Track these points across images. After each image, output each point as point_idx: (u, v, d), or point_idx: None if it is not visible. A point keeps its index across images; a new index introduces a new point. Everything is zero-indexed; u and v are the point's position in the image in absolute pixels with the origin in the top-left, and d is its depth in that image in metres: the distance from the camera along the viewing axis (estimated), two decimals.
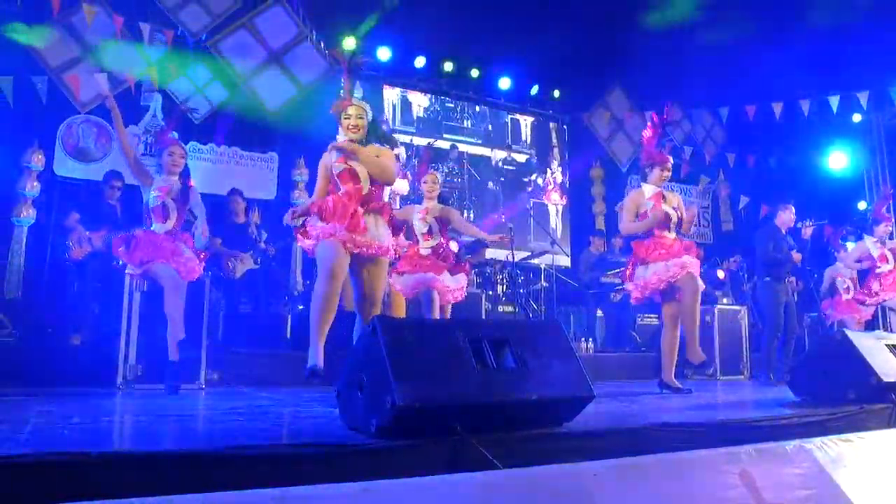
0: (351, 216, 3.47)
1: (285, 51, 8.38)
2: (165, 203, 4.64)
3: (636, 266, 4.80)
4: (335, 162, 3.65)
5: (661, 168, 4.85)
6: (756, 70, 9.36)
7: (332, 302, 3.45)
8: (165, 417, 3.00)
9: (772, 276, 6.43)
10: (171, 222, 4.66)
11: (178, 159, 4.74)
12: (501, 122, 10.81)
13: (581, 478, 2.04)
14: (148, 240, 4.56)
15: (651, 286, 4.69)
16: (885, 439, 2.95)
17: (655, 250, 4.68)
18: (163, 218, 4.64)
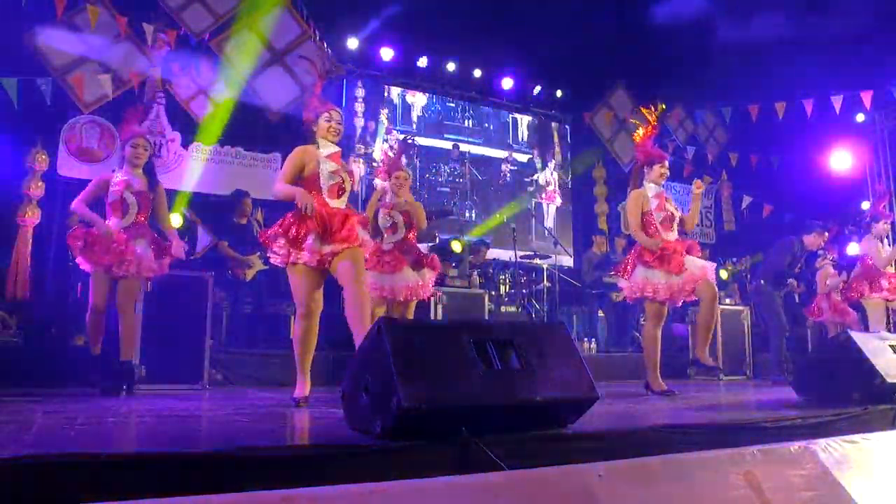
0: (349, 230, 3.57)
1: (288, 51, 8.38)
2: (124, 197, 4.43)
3: (637, 266, 4.69)
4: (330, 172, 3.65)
5: (661, 165, 4.77)
6: (759, 70, 9.36)
7: (312, 338, 3.66)
8: (170, 418, 3.00)
9: (770, 283, 6.43)
10: (131, 218, 4.43)
11: (142, 152, 4.53)
12: (503, 121, 10.81)
13: (586, 479, 2.04)
14: (102, 238, 4.34)
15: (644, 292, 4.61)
16: (889, 440, 2.94)
17: (660, 256, 4.58)
18: (121, 213, 4.42)
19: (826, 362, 3.89)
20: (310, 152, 3.68)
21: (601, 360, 7.31)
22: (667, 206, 4.72)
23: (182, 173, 7.97)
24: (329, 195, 3.64)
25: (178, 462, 1.78)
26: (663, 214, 4.68)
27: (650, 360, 4.74)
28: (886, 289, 6.61)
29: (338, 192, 3.67)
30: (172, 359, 4.76)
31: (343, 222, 3.56)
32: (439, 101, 10.22)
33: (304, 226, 3.52)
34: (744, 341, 7.34)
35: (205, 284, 4.96)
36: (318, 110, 3.75)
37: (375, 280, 4.86)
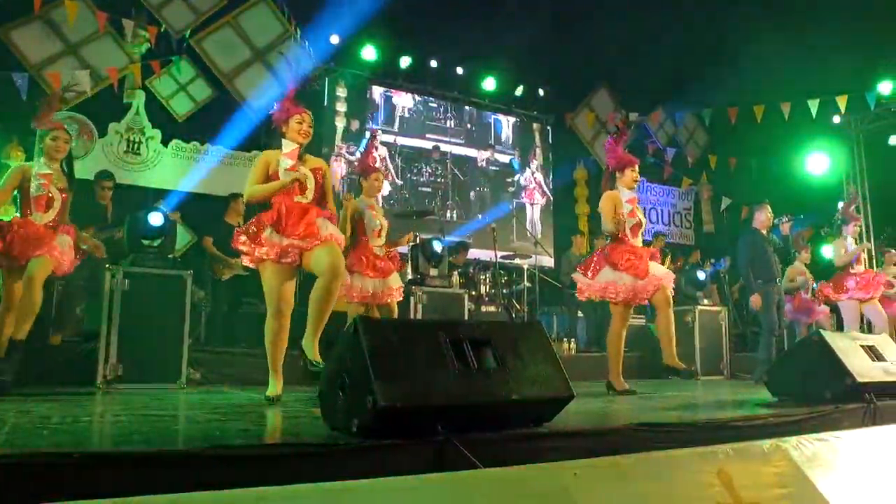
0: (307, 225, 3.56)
1: (269, 49, 8.35)
2: (50, 192, 4.28)
3: (604, 267, 4.74)
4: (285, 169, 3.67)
5: (632, 169, 4.85)
6: (738, 73, 9.47)
7: (283, 337, 3.70)
8: (146, 417, 2.98)
9: (762, 279, 6.48)
10: (54, 212, 4.30)
11: (62, 144, 4.37)
12: (485, 122, 10.84)
13: (561, 477, 2.05)
14: (26, 231, 4.19)
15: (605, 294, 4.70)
16: (859, 439, 2.99)
17: (627, 259, 4.67)
18: (45, 208, 4.28)
19: (799, 362, 3.94)
20: (272, 154, 3.76)
21: (580, 359, 7.35)
22: (637, 213, 4.81)
23: (161, 171, 7.91)
24: (293, 192, 3.67)
25: (152, 461, 1.77)
26: (635, 220, 4.79)
27: (613, 359, 4.83)
28: (853, 289, 6.72)
29: (299, 188, 3.67)
30: (150, 357, 4.72)
31: (301, 216, 3.57)
32: (421, 100, 10.22)
33: (260, 221, 3.60)
34: (721, 341, 7.42)
35: (183, 283, 4.92)
36: (290, 111, 3.76)
37: (364, 283, 4.87)
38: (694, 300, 7.72)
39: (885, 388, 3.75)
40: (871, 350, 3.88)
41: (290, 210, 3.58)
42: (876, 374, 3.71)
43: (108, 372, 4.56)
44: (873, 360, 3.81)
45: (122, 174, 7.63)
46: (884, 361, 3.86)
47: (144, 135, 7.89)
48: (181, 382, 4.78)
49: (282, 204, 3.61)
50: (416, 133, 10.04)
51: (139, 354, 4.65)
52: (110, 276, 4.69)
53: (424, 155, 10.08)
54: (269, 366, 3.75)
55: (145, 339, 4.69)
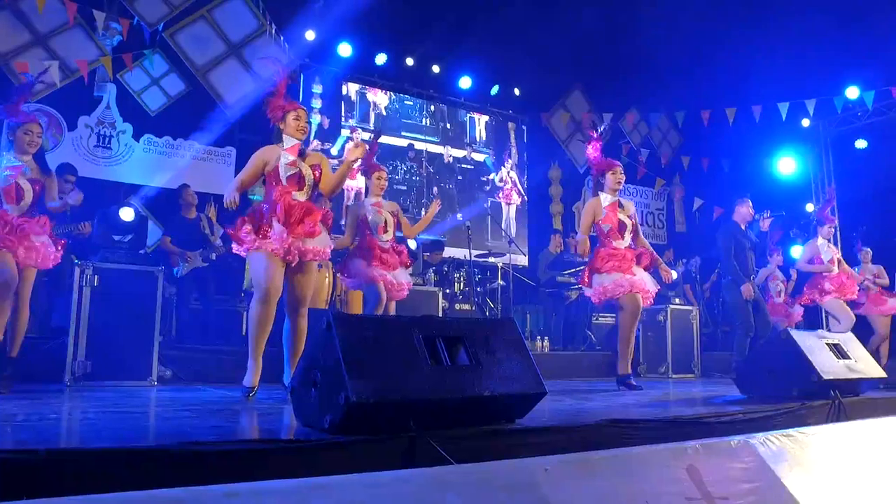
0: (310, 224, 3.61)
1: (244, 44, 8.27)
2: (19, 183, 4.23)
3: (592, 274, 4.97)
4: (286, 164, 3.72)
5: (612, 172, 5.00)
6: (711, 76, 9.60)
7: (268, 323, 3.69)
8: (115, 415, 2.94)
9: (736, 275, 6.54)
10: (26, 204, 4.24)
11: (35, 138, 4.33)
12: (460, 120, 10.84)
13: (532, 473, 2.07)
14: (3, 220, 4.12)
15: (608, 294, 4.88)
16: (824, 434, 3.05)
17: (609, 261, 4.87)
18: (16, 199, 4.22)
19: (767, 360, 4.02)
20: (273, 149, 3.80)
21: (553, 357, 7.39)
22: (619, 216, 4.91)
23: (132, 166, 7.80)
24: (290, 186, 3.71)
25: (121, 458, 1.75)
26: (610, 225, 4.92)
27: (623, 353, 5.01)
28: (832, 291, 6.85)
29: (298, 184, 3.72)
30: (120, 355, 4.64)
31: (305, 214, 3.63)
32: (397, 98, 10.21)
33: (263, 215, 3.64)
34: (692, 340, 7.51)
35: (154, 279, 4.86)
36: (285, 109, 3.81)
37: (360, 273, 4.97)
38: (666, 299, 7.80)
39: (850, 384, 3.85)
40: (837, 348, 3.97)
41: (293, 207, 3.62)
42: (841, 371, 3.80)
43: (76, 369, 4.48)
44: (838, 358, 3.90)
45: (92, 169, 7.52)
46: (848, 359, 3.94)
47: (115, 129, 7.77)
48: (152, 380, 4.72)
49: (283, 200, 3.64)
50: (392, 131, 10.02)
51: (109, 351, 4.58)
52: (79, 271, 4.61)
53: (399, 153, 10.06)
54: (251, 352, 3.72)
55: (115, 336, 4.62)
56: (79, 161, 7.39)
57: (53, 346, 4.80)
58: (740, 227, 6.64)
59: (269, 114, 3.83)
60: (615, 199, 5.00)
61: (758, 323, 6.49)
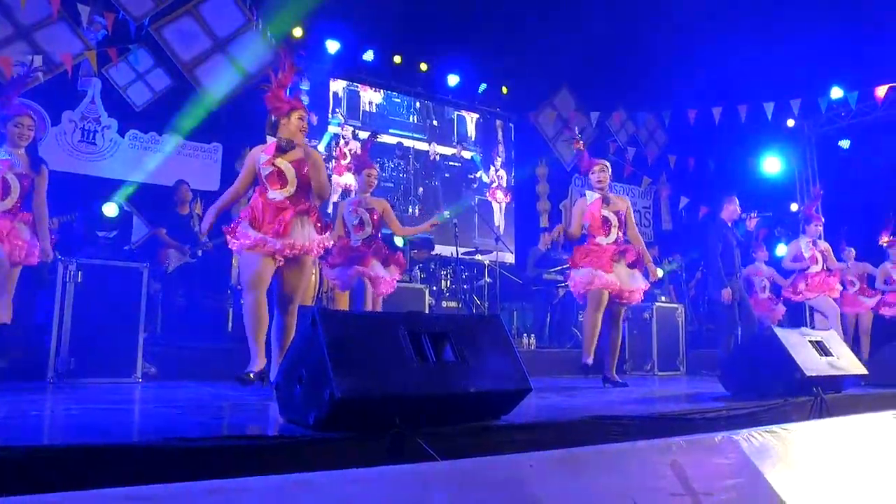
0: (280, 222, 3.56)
1: (231, 39, 8.22)
2: (6, 178, 4.20)
3: (571, 269, 5.12)
4: (262, 164, 3.71)
5: (591, 172, 5.12)
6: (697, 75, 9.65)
7: (261, 309, 3.66)
8: (98, 411, 2.92)
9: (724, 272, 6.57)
10: (12, 200, 4.21)
11: (27, 131, 4.29)
12: (448, 118, 10.84)
13: (517, 469, 2.08)
14: None
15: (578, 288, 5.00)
16: (806, 430, 3.08)
17: (586, 257, 4.98)
18: (1, 195, 4.18)
19: (751, 357, 4.05)
20: (258, 150, 3.80)
21: (540, 354, 7.41)
22: (602, 212, 4.97)
23: (117, 162, 7.73)
24: (270, 184, 3.67)
25: (104, 454, 1.74)
26: (590, 222, 5.04)
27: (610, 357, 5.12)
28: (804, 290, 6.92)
29: (279, 182, 3.67)
30: (104, 351, 4.60)
31: (276, 213, 3.58)
32: (384, 95, 10.18)
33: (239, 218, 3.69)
34: (678, 338, 7.56)
35: (139, 275, 4.82)
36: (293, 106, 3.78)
37: (341, 274, 5.01)
38: (652, 297, 7.84)
39: (832, 381, 3.89)
40: (819, 345, 4.01)
41: (265, 207, 3.60)
42: (823, 368, 3.83)
43: (59, 365, 4.44)
44: (821, 355, 3.93)
45: (76, 164, 7.45)
46: (831, 356, 3.98)
47: (100, 124, 7.70)
48: (136, 376, 4.68)
49: (257, 201, 3.64)
50: (380, 128, 9.99)
51: (92, 348, 4.54)
52: (63, 267, 4.57)
53: (387, 150, 10.04)
54: (250, 341, 3.70)
55: (99, 333, 4.58)
56: (63, 156, 7.33)
57: (36, 343, 4.75)
58: (727, 225, 6.69)
59: (273, 104, 3.74)
60: (598, 196, 5.07)
61: (742, 319, 6.53)
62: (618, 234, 5.02)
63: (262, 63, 8.28)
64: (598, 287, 4.89)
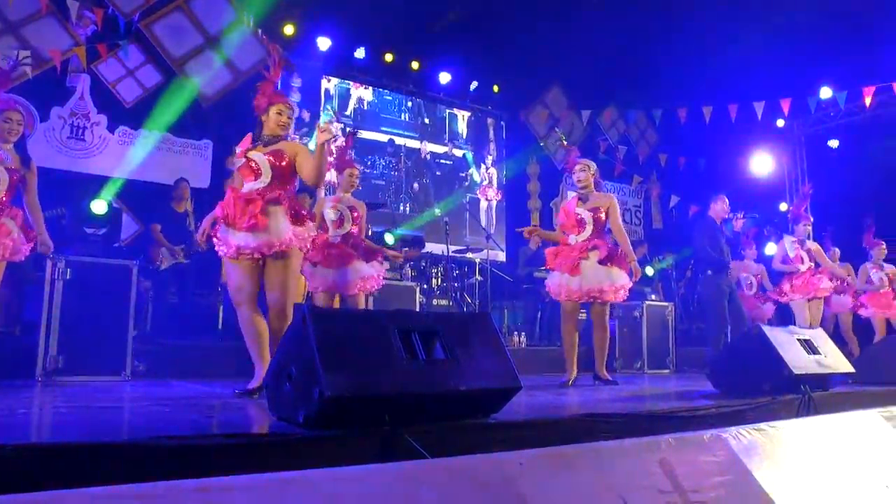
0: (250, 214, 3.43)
1: (222, 35, 8.18)
2: None
3: (548, 272, 5.10)
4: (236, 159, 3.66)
5: (572, 172, 5.09)
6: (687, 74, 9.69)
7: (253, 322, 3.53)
8: (87, 409, 2.91)
9: (713, 269, 6.61)
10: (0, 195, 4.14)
11: (15, 126, 4.22)
12: (439, 116, 10.84)
13: (507, 467, 2.08)
14: None
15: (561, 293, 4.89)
16: (793, 428, 3.11)
17: (556, 258, 4.93)
18: None
19: (739, 355, 4.08)
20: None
21: (530, 353, 7.43)
22: (577, 210, 4.94)
23: (107, 159, 7.69)
24: (244, 177, 3.59)
25: (92, 452, 1.73)
26: (563, 220, 5.05)
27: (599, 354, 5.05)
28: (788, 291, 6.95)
29: (253, 173, 3.55)
30: (93, 349, 4.58)
31: (245, 207, 3.45)
32: (376, 93, 10.17)
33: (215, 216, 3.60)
34: (667, 336, 7.59)
35: (129, 272, 4.80)
36: (271, 100, 3.66)
37: (322, 274, 4.89)
38: (642, 295, 7.87)
39: (819, 379, 3.92)
40: (807, 343, 4.04)
41: (235, 202, 3.48)
42: (811, 366, 3.87)
43: (48, 363, 4.41)
44: (809, 354, 3.97)
45: (65, 160, 7.41)
46: (818, 354, 4.01)
47: (90, 120, 7.66)
48: (126, 374, 4.66)
49: (229, 196, 3.54)
50: (371, 126, 9.99)
51: (81, 346, 4.51)
52: (52, 264, 4.54)
53: (379, 148, 10.03)
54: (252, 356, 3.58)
55: (88, 330, 4.56)
56: (52, 153, 7.28)
57: (24, 341, 4.73)
58: (716, 223, 6.72)
59: (256, 102, 3.68)
60: (575, 195, 5.09)
61: (732, 316, 6.57)
62: (591, 232, 4.88)
63: (254, 60, 8.26)
64: (564, 299, 4.85)
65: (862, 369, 4.65)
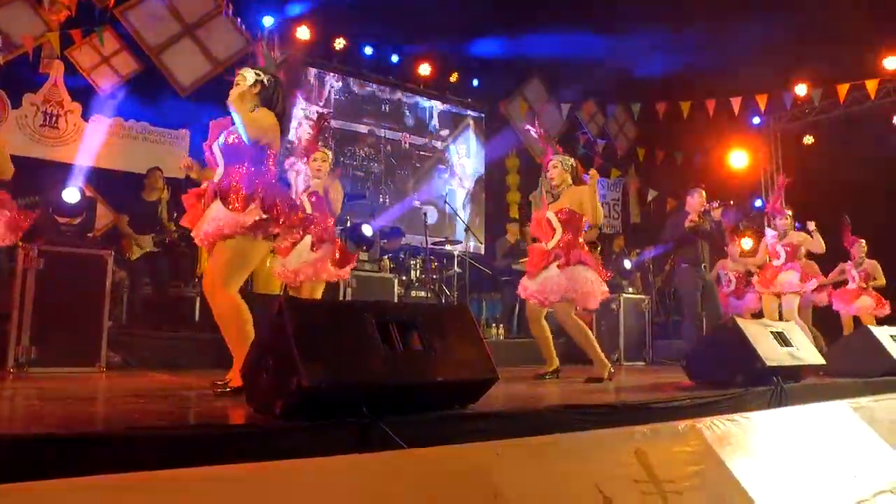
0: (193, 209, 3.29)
1: (200, 24, 8.08)
2: None
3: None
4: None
5: (546, 169, 4.91)
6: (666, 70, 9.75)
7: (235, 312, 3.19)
8: (61, 401, 2.88)
9: (688, 262, 6.66)
10: None
11: None
12: (419, 108, 10.81)
13: (483, 457, 2.10)
14: None
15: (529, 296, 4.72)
16: (765, 419, 3.17)
17: (529, 264, 4.76)
18: None
19: (715, 347, 4.13)
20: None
21: (508, 345, 7.45)
22: (547, 215, 4.70)
23: (82, 147, 7.57)
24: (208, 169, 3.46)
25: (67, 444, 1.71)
26: (533, 230, 4.88)
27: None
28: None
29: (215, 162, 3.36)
30: (67, 340, 4.51)
31: (191, 202, 3.31)
32: (356, 84, 10.11)
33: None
34: (644, 329, 7.66)
35: (103, 263, 4.73)
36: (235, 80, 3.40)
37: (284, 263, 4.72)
38: (620, 288, 7.93)
39: (791, 371, 3.99)
40: (780, 336, 4.10)
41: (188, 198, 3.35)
42: (783, 358, 3.93)
43: (20, 355, 4.35)
44: (782, 346, 4.03)
45: (38, 149, 7.29)
46: (791, 347, 4.08)
47: (63, 108, 7.53)
48: (100, 366, 4.60)
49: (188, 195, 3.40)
50: (351, 117, 9.94)
51: (55, 337, 4.45)
52: (23, 254, 4.46)
53: (359, 139, 9.99)
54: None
55: (61, 321, 4.49)
56: (24, 140, 7.16)
57: None
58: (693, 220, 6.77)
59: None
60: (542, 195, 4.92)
61: (707, 309, 6.64)
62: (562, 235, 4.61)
63: (232, 49, 8.17)
64: (525, 297, 4.73)
65: (832, 362, 4.74)
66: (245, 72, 3.24)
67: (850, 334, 5.96)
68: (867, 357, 4.96)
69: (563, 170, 4.79)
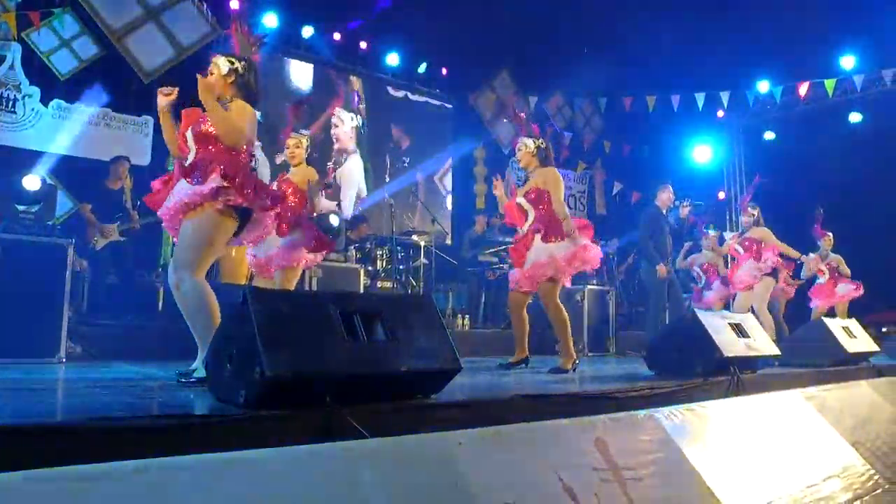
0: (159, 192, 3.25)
1: (164, 9, 7.93)
2: None
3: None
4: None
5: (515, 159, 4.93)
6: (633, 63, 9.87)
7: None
8: (18, 392, 2.83)
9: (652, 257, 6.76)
10: None
11: None
12: (388, 97, 10.77)
13: (447, 446, 2.13)
14: None
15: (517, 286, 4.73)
16: (722, 408, 3.25)
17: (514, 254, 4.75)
18: None
19: (675, 338, 4.22)
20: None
21: (474, 335, 7.50)
22: (517, 201, 4.73)
23: (40, 133, 7.39)
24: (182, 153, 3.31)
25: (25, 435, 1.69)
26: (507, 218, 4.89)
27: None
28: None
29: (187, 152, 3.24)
30: (25, 331, 4.42)
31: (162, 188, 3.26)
32: (322, 72, 10.03)
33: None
34: (608, 320, 7.78)
35: (64, 252, 4.64)
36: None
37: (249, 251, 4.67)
38: (584, 279, 8.02)
39: (748, 362, 4.10)
40: (738, 327, 4.21)
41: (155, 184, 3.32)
42: (740, 349, 4.03)
43: None
44: (739, 337, 4.14)
45: None
46: (748, 338, 4.19)
47: (21, 92, 7.34)
48: (60, 357, 4.53)
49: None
50: (318, 106, 9.86)
51: (12, 328, 4.35)
52: None
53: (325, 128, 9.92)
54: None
55: (19, 312, 4.39)
56: None
57: None
58: (661, 212, 6.89)
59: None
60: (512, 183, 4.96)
61: (671, 303, 6.77)
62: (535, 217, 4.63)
63: (197, 35, 8.04)
64: (512, 288, 4.76)
65: (787, 352, 4.88)
66: (218, 60, 3.20)
67: (804, 326, 6.12)
68: (820, 348, 5.12)
69: (529, 152, 4.79)
